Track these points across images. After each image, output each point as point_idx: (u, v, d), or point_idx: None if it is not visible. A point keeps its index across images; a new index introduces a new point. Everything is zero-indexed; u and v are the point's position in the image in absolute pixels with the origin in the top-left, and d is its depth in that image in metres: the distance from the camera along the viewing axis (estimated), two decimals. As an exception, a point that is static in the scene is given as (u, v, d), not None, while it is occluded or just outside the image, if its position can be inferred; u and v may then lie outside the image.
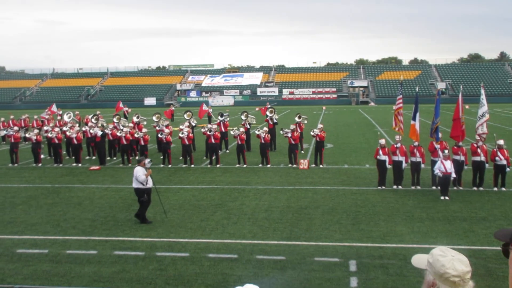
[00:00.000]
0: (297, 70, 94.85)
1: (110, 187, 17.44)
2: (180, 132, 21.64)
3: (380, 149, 16.47)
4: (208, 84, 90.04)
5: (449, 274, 2.43)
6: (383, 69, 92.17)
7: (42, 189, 17.39)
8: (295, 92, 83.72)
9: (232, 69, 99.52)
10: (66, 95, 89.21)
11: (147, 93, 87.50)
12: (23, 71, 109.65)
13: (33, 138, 22.36)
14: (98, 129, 22.98)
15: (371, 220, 12.72)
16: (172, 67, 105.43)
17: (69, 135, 22.88)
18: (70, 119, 29.55)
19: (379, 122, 41.76)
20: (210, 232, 11.93)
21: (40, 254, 10.65)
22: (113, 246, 11.06)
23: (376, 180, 16.78)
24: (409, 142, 17.51)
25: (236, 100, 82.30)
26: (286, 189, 16.43)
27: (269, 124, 25.53)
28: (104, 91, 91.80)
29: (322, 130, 20.92)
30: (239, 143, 21.25)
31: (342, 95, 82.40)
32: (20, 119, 32.93)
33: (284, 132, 21.41)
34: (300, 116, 25.16)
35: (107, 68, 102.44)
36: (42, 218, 13.52)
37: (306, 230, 11.91)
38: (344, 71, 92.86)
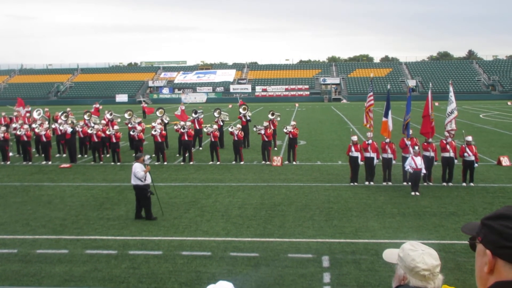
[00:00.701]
0: (270, 67, 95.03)
1: (81, 185, 17.20)
2: (153, 130, 21.46)
3: (352, 146, 16.65)
4: (180, 81, 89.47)
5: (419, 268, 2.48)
6: (355, 66, 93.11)
7: (10, 187, 17.03)
8: (268, 89, 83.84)
9: (205, 66, 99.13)
10: (35, 91, 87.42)
11: (119, 89, 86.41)
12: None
13: (0, 135, 21.86)
14: (68, 126, 22.59)
15: (343, 216, 12.86)
16: (144, 63, 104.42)
17: (38, 132, 22.44)
18: (40, 116, 28.99)
19: (351, 119, 42.19)
20: (184, 230, 11.89)
21: (9, 254, 10.44)
22: (85, 245, 10.92)
23: (349, 177, 16.97)
24: (381, 138, 17.75)
25: (209, 97, 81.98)
26: (259, 186, 16.47)
27: (242, 121, 25.54)
28: (74, 87, 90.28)
29: (295, 127, 21.03)
30: (212, 140, 21.19)
31: (315, 92, 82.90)
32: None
33: (257, 129, 21.46)
34: (273, 113, 25.24)
35: (77, 64, 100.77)
36: (11, 217, 13.25)
37: (280, 227, 11.97)
38: (316, 68, 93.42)
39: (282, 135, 25.52)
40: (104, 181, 17.69)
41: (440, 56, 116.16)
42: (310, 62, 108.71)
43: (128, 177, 18.21)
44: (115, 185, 17.06)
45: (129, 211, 13.54)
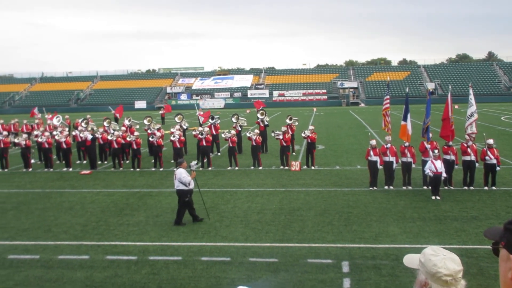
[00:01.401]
0: (287, 72, 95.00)
1: (101, 191, 17.37)
2: (172, 135, 21.59)
3: (371, 150, 16.55)
4: (198, 86, 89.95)
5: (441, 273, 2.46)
6: (373, 70, 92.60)
7: (33, 194, 17.28)
8: (285, 94, 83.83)
9: (222, 71, 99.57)
10: (56, 99, 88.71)
11: (138, 96, 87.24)
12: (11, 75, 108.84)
13: (22, 143, 22.22)
14: (88, 133, 22.87)
15: (363, 221, 12.77)
16: (162, 70, 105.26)
17: (58, 139, 22.76)
18: (59, 122, 29.39)
19: (369, 123, 41.93)
20: (203, 235, 11.92)
21: (32, 259, 10.58)
22: (105, 250, 11.02)
23: (368, 181, 16.85)
24: (400, 142, 17.61)
25: (226, 102, 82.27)
26: (278, 191, 16.45)
27: (260, 126, 25.56)
28: (94, 94, 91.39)
29: (313, 131, 20.99)
30: (231, 145, 21.24)
31: (333, 96, 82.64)
32: (9, 124, 32.72)
33: (275, 134, 21.44)
34: (291, 118, 25.22)
35: (97, 72, 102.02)
36: (33, 223, 13.44)
37: (299, 232, 11.94)
38: (334, 72, 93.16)
39: (300, 140, 25.48)
40: (124, 187, 17.85)
41: (459, 58, 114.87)
42: (328, 66, 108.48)
43: (148, 183, 18.42)
44: (135, 191, 17.20)
45: (149, 217, 13.64)
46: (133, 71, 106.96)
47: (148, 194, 16.55)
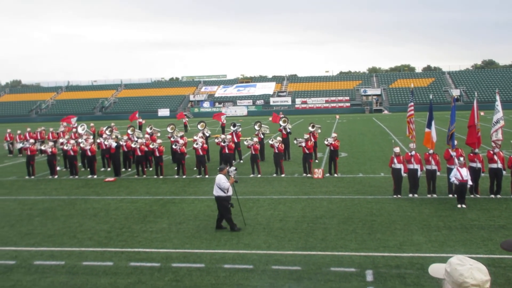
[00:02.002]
0: (310, 79, 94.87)
1: (125, 198, 17.54)
2: (194, 143, 21.72)
3: (394, 158, 16.37)
4: (221, 94, 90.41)
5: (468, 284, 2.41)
6: (396, 77, 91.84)
7: (58, 201, 17.54)
8: (308, 102, 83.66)
9: (245, 79, 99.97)
10: (81, 107, 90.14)
11: (161, 104, 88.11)
12: (38, 84, 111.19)
13: (48, 150, 22.60)
14: (112, 140, 23.16)
15: (387, 229, 12.62)
16: (185, 78, 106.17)
17: (83, 146, 23.10)
18: (84, 131, 29.81)
19: (393, 130, 41.54)
20: (225, 242, 11.92)
21: (57, 265, 10.72)
22: (129, 257, 11.10)
23: (392, 189, 16.67)
24: (424, 150, 17.39)
25: (249, 110, 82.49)
26: (300, 199, 16.38)
27: (283, 134, 25.53)
28: (118, 103, 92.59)
29: (336, 139, 20.87)
30: (253, 153, 21.25)
31: (356, 103, 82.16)
32: (36, 132, 33.32)
33: (298, 142, 21.37)
34: (313, 125, 25.13)
35: (121, 80, 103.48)
36: (59, 229, 13.63)
37: (322, 240, 11.86)
38: (357, 79, 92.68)
39: (323, 147, 25.36)
40: (148, 194, 17.99)
41: (485, 64, 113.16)
42: (350, 73, 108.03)
43: (171, 190, 18.54)
44: (158, 198, 17.32)
45: (172, 224, 13.71)
46: (156, 79, 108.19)
47: (171, 201, 16.65)
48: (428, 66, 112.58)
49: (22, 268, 10.65)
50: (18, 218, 15.16)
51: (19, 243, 12.46)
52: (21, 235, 13.23)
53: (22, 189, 20.11)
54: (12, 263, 10.99)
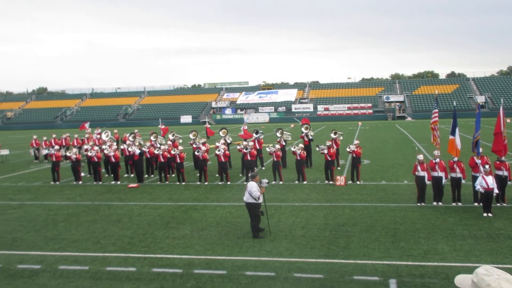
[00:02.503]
0: (332, 86, 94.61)
1: (148, 204, 17.68)
2: (217, 150, 21.81)
3: (418, 165, 16.18)
4: (243, 101, 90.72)
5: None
6: (420, 83, 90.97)
7: (82, 206, 17.77)
8: (330, 108, 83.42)
9: (266, 86, 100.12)
10: (105, 114, 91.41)
11: (183, 111, 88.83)
12: (63, 92, 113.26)
13: (73, 156, 22.93)
14: (136, 147, 23.39)
15: (411, 237, 12.46)
16: (207, 85, 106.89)
17: (107, 153, 23.39)
18: (108, 137, 30.17)
19: (416, 137, 41.08)
20: (247, 249, 11.92)
21: (81, 270, 10.85)
22: (152, 263, 11.17)
23: (415, 197, 16.47)
24: (449, 157, 17.15)
25: (271, 117, 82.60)
26: (323, 206, 16.30)
27: (305, 141, 25.47)
28: (141, 109, 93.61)
29: (358, 146, 20.73)
30: (275, 160, 21.24)
31: (378, 110, 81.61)
32: (61, 138, 33.87)
33: (320, 149, 21.29)
34: (335, 132, 25.01)
35: (144, 87, 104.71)
36: (83, 235, 13.80)
37: (344, 248, 11.76)
38: (379, 86, 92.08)
39: (345, 154, 25.22)
40: (170, 201, 18.11)
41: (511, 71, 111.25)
42: (373, 80, 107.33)
43: (193, 196, 18.63)
44: (180, 204, 17.41)
45: (194, 230, 13.76)
46: (179, 86, 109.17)
47: (193, 208, 16.73)
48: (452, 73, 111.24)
49: (47, 272, 10.80)
50: (43, 223, 15.40)
51: (44, 248, 12.65)
52: (46, 240, 13.43)
53: (47, 195, 20.44)
54: (38, 267, 11.16)
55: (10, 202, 19.03)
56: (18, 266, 11.26)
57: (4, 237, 13.80)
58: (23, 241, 13.36)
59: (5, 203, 18.85)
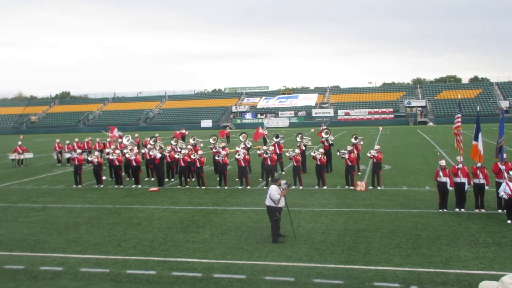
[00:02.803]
0: (352, 91, 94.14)
1: (168, 208, 17.78)
2: (237, 154, 21.85)
3: (440, 171, 15.97)
4: (263, 106, 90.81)
5: (522, 304, 2.32)
6: (442, 88, 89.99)
7: (104, 209, 17.95)
8: (350, 113, 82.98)
9: (286, 90, 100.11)
10: (126, 118, 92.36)
11: (204, 115, 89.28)
12: (86, 96, 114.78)
13: (95, 160, 23.20)
14: (157, 151, 23.58)
15: (432, 244, 12.30)
16: (227, 89, 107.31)
17: (128, 157, 23.62)
18: (129, 142, 30.45)
19: (438, 142, 40.61)
20: (267, 254, 11.89)
21: (102, 273, 10.94)
22: (171, 266, 11.22)
23: (437, 203, 16.25)
24: (472, 163, 16.90)
25: (291, 121, 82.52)
26: (343, 211, 16.19)
27: (325, 146, 25.37)
28: (162, 114, 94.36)
29: (379, 151, 20.56)
30: (295, 164, 21.19)
31: (399, 115, 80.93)
32: (83, 142, 34.31)
33: (341, 154, 21.17)
34: (356, 137, 24.86)
35: (165, 92, 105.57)
36: (104, 238, 13.93)
37: (365, 254, 11.66)
38: (400, 90, 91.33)
39: (366, 160, 25.04)
40: (190, 205, 18.18)
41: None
42: (394, 85, 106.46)
43: (213, 200, 18.68)
44: (200, 208, 17.47)
45: (214, 234, 13.79)
46: (199, 91, 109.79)
47: (213, 212, 16.77)
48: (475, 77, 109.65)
49: (69, 274, 10.93)
50: (65, 226, 15.60)
51: (66, 250, 12.80)
52: (68, 242, 13.60)
53: (69, 198, 20.70)
54: (60, 269, 11.30)
55: (33, 204, 19.34)
56: (41, 268, 11.42)
57: (28, 239, 14.01)
58: (46, 243, 13.56)
59: (29, 205, 19.15)
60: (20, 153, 33.58)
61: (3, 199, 20.69)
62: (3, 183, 25.34)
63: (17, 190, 23.27)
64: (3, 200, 20.46)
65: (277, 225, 12.97)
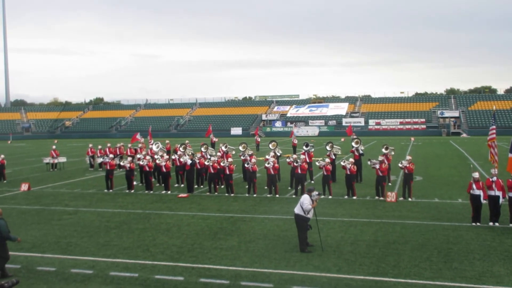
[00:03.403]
0: (384, 100, 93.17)
1: (197, 214, 17.87)
2: (266, 162, 21.84)
3: (473, 183, 15.61)
4: (293, 114, 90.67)
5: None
6: (476, 99, 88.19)
7: (134, 214, 18.17)
8: (381, 123, 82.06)
9: (317, 99, 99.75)
10: (158, 124, 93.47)
11: (234, 123, 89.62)
12: (119, 102, 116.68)
13: (126, 165, 23.53)
14: (188, 158, 23.77)
15: (464, 258, 12.01)
16: (258, 97, 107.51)
17: (158, 163, 23.88)
18: (158, 149, 30.77)
19: (472, 154, 39.75)
20: (295, 263, 11.82)
21: (131, 277, 11.06)
22: (199, 273, 11.26)
23: (470, 216, 15.89)
24: (508, 176, 16.48)
25: (321, 130, 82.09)
26: (372, 222, 15.98)
27: (355, 155, 25.13)
28: (193, 121, 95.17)
29: (410, 162, 20.25)
30: (325, 174, 21.04)
31: (432, 126, 79.63)
32: (115, 147, 34.83)
33: (372, 163, 20.93)
34: (387, 147, 24.54)
35: (196, 99, 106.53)
36: (133, 242, 14.09)
37: (394, 266, 11.47)
38: (433, 101, 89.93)
39: (397, 170, 24.70)
40: (219, 212, 18.24)
41: None
42: (427, 95, 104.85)
43: (241, 208, 18.69)
44: (229, 215, 17.50)
45: (241, 242, 13.79)
46: (230, 99, 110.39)
47: (241, 220, 16.78)
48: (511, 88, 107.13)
49: (99, 278, 11.08)
50: (96, 229, 15.84)
51: (96, 254, 12.99)
52: (99, 246, 13.80)
53: (101, 202, 21.03)
54: (90, 272, 11.47)
55: (66, 208, 19.71)
56: (72, 270, 11.61)
57: (60, 242, 14.28)
58: (77, 246, 13.79)
59: (61, 208, 19.53)
60: (54, 157, 34.34)
61: (37, 202, 21.17)
62: (37, 186, 25.94)
63: (51, 193, 23.78)
64: (37, 203, 20.94)
65: (305, 234, 12.90)
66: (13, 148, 60.34)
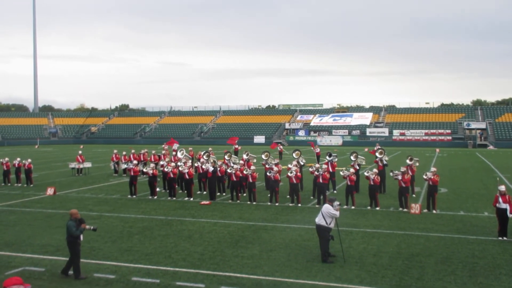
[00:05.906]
0: (409, 111, 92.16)
1: (219, 222, 17.91)
2: (289, 171, 21.80)
3: (499, 196, 15.31)
4: (316, 123, 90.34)
5: None
6: (504, 110, 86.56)
7: (156, 220, 18.30)
8: (406, 133, 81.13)
9: (341, 109, 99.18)
10: (181, 131, 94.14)
11: (257, 131, 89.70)
12: (144, 109, 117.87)
13: (150, 172, 23.75)
14: (210, 165, 23.89)
15: (490, 273, 11.76)
16: (281, 106, 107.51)
17: (181, 170, 24.04)
18: (183, 155, 31.00)
19: (499, 167, 39.00)
20: (316, 273, 11.74)
21: (153, 283, 11.12)
22: (220, 280, 11.26)
23: (496, 230, 15.57)
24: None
25: (344, 140, 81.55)
26: (396, 234, 15.78)
27: (379, 166, 24.90)
28: (216, 128, 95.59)
29: (435, 173, 19.97)
30: (349, 184, 20.89)
31: (458, 137, 78.36)
32: (139, 154, 35.20)
33: (394, 174, 20.72)
34: (411, 158, 24.27)
35: (220, 107, 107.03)
36: (156, 248, 14.18)
37: (417, 279, 11.30)
38: (459, 112, 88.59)
39: (421, 182, 24.37)
40: (240, 219, 18.25)
41: None
42: (453, 106, 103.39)
43: (263, 216, 18.66)
44: (250, 224, 17.50)
45: (263, 251, 13.75)
46: (253, 107, 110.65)
47: (263, 228, 16.75)
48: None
49: (121, 283, 11.17)
50: (119, 235, 15.99)
51: (119, 259, 13.12)
52: (121, 251, 13.93)
53: (124, 207, 21.24)
54: (112, 277, 11.58)
55: (90, 212, 19.96)
56: (95, 275, 11.74)
57: (83, 246, 14.40)
58: (100, 251, 13.94)
59: (86, 213, 19.77)
60: (80, 163, 34.85)
61: (62, 206, 21.49)
62: (62, 191, 26.35)
63: (75, 198, 24.13)
64: (62, 207, 21.25)
65: (327, 244, 12.81)
66: (40, 153, 61.47)
